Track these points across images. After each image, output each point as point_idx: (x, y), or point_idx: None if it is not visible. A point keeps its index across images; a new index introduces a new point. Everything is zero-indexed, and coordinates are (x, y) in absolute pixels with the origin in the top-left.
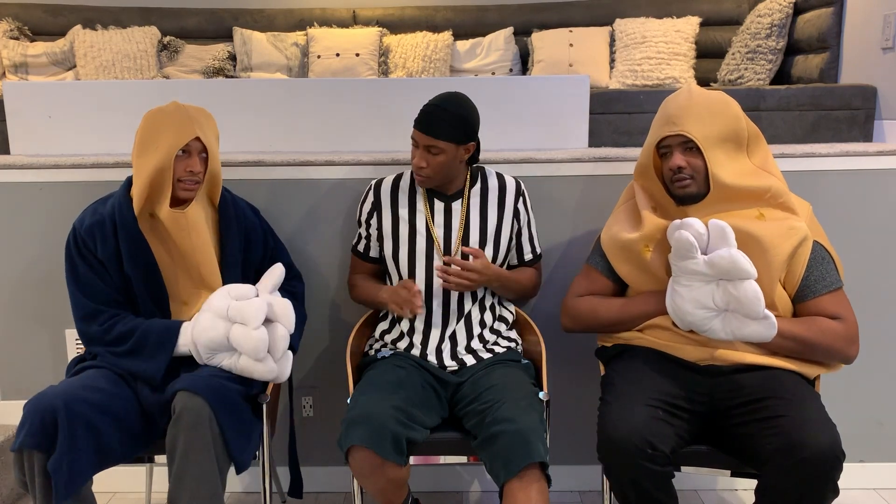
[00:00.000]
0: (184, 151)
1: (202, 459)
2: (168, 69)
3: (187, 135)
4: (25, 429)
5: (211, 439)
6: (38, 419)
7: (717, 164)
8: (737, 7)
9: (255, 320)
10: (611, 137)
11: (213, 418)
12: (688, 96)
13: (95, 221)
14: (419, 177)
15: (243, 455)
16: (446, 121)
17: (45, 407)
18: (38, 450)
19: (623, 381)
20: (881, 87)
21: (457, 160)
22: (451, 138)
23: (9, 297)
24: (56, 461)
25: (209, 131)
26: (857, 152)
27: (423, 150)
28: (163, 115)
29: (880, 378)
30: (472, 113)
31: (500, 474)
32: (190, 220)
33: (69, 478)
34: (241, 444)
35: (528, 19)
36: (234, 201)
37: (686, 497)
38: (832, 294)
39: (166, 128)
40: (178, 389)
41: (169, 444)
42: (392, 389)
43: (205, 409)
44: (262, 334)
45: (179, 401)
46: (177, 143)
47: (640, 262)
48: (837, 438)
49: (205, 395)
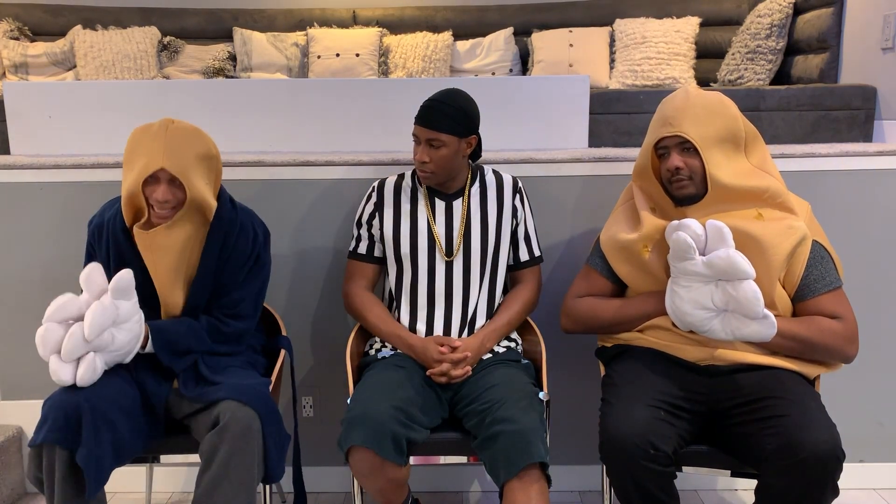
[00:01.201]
0: (152, 178)
1: (244, 470)
2: (168, 69)
3: (153, 164)
4: (48, 424)
5: (255, 451)
6: (61, 414)
7: (714, 164)
8: (737, 7)
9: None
10: (611, 137)
11: (260, 431)
12: (685, 97)
13: (97, 224)
14: (423, 173)
15: (278, 468)
16: (447, 114)
17: (69, 403)
18: (60, 445)
19: (624, 381)
20: (881, 87)
21: (459, 154)
22: (452, 131)
23: (9, 297)
24: (86, 455)
25: (187, 158)
26: (857, 152)
27: (426, 144)
28: (143, 135)
29: (880, 378)
30: (472, 107)
31: (500, 474)
32: (159, 242)
33: (98, 472)
34: (279, 456)
35: (528, 19)
36: (235, 221)
37: (686, 497)
38: (832, 293)
39: (140, 151)
40: (224, 398)
41: (207, 450)
42: (392, 389)
43: (255, 422)
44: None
45: (227, 410)
46: (143, 171)
47: (640, 263)
48: (837, 438)
49: (255, 406)
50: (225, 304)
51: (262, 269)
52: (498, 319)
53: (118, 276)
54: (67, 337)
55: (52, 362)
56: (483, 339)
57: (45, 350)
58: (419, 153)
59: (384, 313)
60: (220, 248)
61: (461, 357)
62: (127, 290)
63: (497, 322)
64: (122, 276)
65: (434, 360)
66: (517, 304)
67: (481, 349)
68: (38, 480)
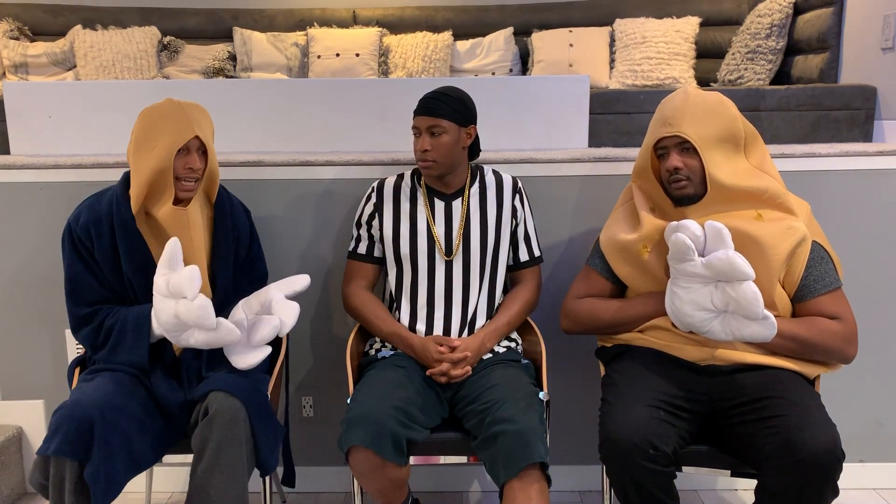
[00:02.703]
0: (184, 149)
1: (233, 458)
2: (168, 69)
3: (186, 134)
4: (60, 436)
5: (243, 441)
6: (73, 427)
7: (713, 164)
8: (737, 7)
9: (190, 290)
10: (611, 137)
11: (247, 421)
12: (684, 97)
13: (92, 219)
14: (424, 163)
15: (271, 458)
16: (446, 103)
17: (82, 416)
18: (71, 458)
19: (624, 381)
20: (881, 87)
21: (459, 145)
22: (452, 118)
23: (9, 297)
24: (94, 471)
25: (206, 128)
26: (857, 152)
27: (426, 133)
28: (160, 113)
29: (880, 378)
30: (470, 99)
31: (500, 474)
32: (191, 218)
33: (106, 487)
34: (271, 447)
35: (528, 19)
36: (230, 199)
37: (686, 497)
38: (831, 294)
39: (164, 126)
40: (212, 389)
41: (198, 442)
42: (392, 389)
43: (241, 412)
44: (202, 301)
45: (214, 401)
46: (176, 142)
47: (639, 264)
48: (837, 438)
49: (241, 396)
50: (256, 278)
51: (259, 242)
52: (498, 319)
53: (299, 281)
54: (266, 325)
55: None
56: (483, 338)
57: (209, 322)
58: (420, 143)
59: (384, 313)
60: (231, 227)
61: (461, 357)
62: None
63: (497, 322)
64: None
65: (434, 359)
66: (517, 304)
67: (481, 349)
68: (42, 487)
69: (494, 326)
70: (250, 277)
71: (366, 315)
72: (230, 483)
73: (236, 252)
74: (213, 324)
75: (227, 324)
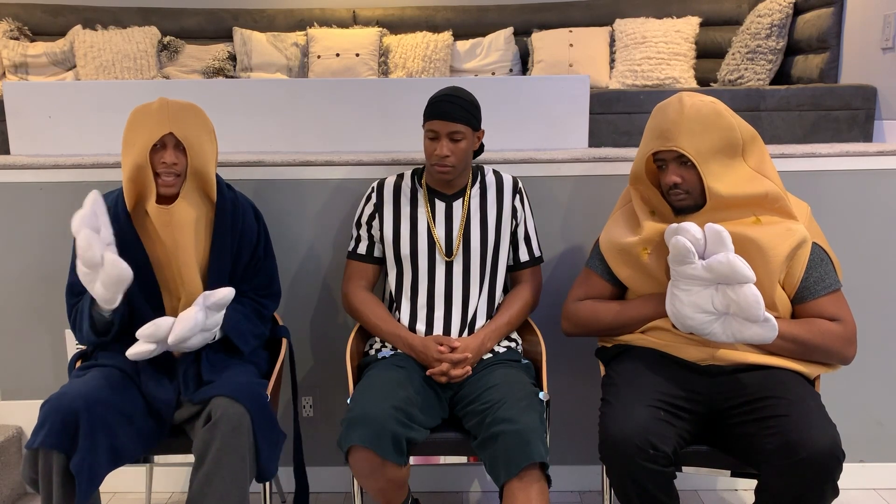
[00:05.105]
0: (158, 145)
1: (235, 465)
2: (168, 69)
3: (160, 131)
4: (45, 429)
5: (246, 447)
6: (58, 419)
7: (712, 176)
8: (737, 7)
9: (73, 226)
10: (611, 137)
11: (251, 428)
12: (678, 109)
13: None
14: (443, 167)
15: (270, 465)
16: (463, 107)
17: (67, 408)
18: (57, 450)
19: (624, 381)
20: (881, 87)
21: (471, 148)
22: (469, 123)
23: (9, 297)
24: (79, 462)
25: (190, 126)
26: (857, 152)
27: (446, 139)
28: (144, 111)
29: (880, 378)
30: (477, 102)
31: (501, 474)
32: (174, 217)
33: (90, 479)
34: (272, 453)
35: (528, 19)
36: (236, 200)
37: (686, 497)
38: (831, 296)
39: (143, 123)
40: (216, 395)
41: (200, 447)
42: (392, 389)
43: (245, 418)
44: (83, 233)
45: (218, 406)
46: (150, 139)
47: (640, 266)
48: (837, 438)
49: (246, 403)
50: (259, 285)
51: (271, 248)
52: (498, 319)
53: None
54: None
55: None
56: (483, 338)
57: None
58: (439, 148)
59: (384, 313)
60: (231, 228)
61: (461, 357)
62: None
63: (497, 322)
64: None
65: (434, 359)
66: (517, 304)
67: (481, 349)
68: (32, 481)
69: (494, 326)
70: (253, 283)
71: (366, 315)
72: (230, 489)
73: (238, 255)
74: (98, 257)
75: (113, 258)
